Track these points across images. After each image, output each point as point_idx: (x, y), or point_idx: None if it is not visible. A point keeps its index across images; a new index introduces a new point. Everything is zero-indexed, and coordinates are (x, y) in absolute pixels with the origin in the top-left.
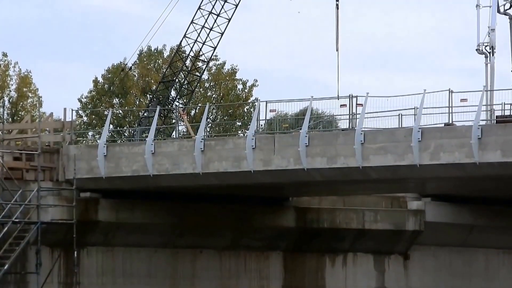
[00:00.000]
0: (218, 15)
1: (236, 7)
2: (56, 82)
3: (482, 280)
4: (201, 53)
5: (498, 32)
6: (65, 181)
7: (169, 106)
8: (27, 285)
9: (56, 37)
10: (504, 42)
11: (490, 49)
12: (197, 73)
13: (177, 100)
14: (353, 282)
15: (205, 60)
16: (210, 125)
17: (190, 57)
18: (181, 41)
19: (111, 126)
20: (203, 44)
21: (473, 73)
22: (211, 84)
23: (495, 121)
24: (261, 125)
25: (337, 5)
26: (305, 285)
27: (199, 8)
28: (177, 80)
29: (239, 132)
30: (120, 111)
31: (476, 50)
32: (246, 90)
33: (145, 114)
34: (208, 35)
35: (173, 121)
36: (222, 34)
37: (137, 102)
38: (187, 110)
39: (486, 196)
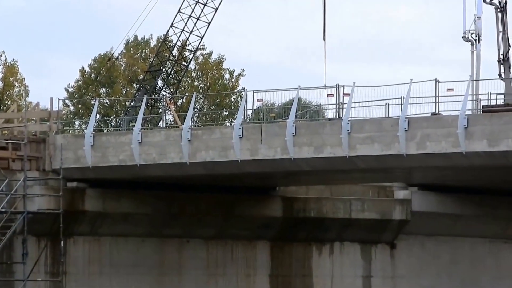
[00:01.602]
0: (205, 5)
1: None
2: (42, 72)
3: (468, 269)
4: (188, 42)
5: (484, 22)
6: (51, 170)
7: (156, 96)
8: (14, 275)
9: (43, 26)
10: (491, 32)
11: (476, 36)
12: (184, 63)
13: (164, 89)
14: (340, 271)
15: (192, 49)
16: (197, 114)
17: (177, 46)
18: (168, 31)
19: (97, 115)
20: (190, 33)
21: (460, 63)
22: (198, 73)
23: (481, 110)
24: (248, 115)
25: None
26: (292, 274)
27: None
28: (164, 69)
29: (226, 121)
30: (107, 101)
31: (462, 37)
32: (233, 80)
33: (132, 103)
34: (195, 24)
35: (160, 110)
36: (209, 23)
37: (124, 92)
38: (174, 99)
39: (473, 185)
